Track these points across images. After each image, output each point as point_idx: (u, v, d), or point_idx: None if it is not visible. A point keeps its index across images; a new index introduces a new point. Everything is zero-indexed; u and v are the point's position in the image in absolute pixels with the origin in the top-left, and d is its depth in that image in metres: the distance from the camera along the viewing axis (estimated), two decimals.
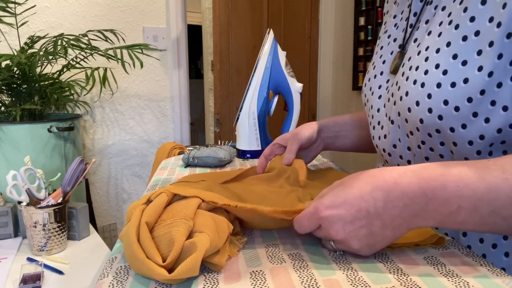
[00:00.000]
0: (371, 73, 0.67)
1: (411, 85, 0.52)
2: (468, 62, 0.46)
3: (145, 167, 1.92)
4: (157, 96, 1.90)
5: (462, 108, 0.46)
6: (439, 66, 0.48)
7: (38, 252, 1.08)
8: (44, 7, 1.61)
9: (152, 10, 1.83)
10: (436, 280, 0.37)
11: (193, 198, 0.45)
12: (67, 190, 1.12)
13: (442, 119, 0.48)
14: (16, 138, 1.25)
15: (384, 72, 0.63)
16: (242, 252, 0.44)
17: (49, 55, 1.26)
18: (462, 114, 0.46)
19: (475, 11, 0.46)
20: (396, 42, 0.62)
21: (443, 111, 0.48)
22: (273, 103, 0.99)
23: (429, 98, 0.49)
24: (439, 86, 0.48)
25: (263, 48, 0.96)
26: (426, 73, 0.50)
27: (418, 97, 0.50)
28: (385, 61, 0.64)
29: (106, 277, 0.40)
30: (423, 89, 0.49)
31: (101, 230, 1.84)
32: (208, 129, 2.77)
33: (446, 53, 0.48)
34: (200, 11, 2.88)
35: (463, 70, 0.46)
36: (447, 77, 0.47)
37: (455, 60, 0.47)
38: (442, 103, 0.48)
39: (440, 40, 0.50)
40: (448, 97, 0.47)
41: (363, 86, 0.71)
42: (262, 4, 2.41)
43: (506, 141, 0.47)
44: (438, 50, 0.49)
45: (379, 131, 0.63)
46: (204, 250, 0.37)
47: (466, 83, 0.45)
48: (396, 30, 0.64)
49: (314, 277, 0.38)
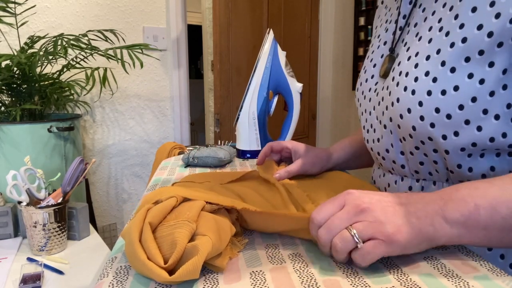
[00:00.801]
0: (363, 77, 0.67)
1: (402, 91, 0.52)
2: (457, 69, 0.46)
3: (145, 167, 1.92)
4: (157, 96, 1.90)
5: (454, 115, 0.46)
6: (429, 73, 0.48)
7: (38, 252, 1.08)
8: (44, 7, 1.61)
9: (152, 10, 1.83)
10: (436, 280, 0.37)
11: (196, 201, 0.45)
12: (67, 190, 1.12)
13: (434, 126, 0.48)
14: (16, 138, 1.25)
15: (375, 75, 0.63)
16: (242, 252, 0.44)
17: (49, 55, 1.26)
18: (454, 121, 0.47)
19: (464, 18, 0.46)
20: (386, 45, 0.62)
21: (435, 118, 0.48)
22: (273, 103, 0.99)
23: (420, 106, 0.49)
24: (429, 94, 0.48)
25: (263, 48, 0.96)
26: (416, 80, 0.49)
27: (410, 105, 0.50)
28: (376, 64, 0.64)
29: (106, 277, 0.40)
30: (414, 97, 0.49)
31: (101, 230, 1.84)
32: (208, 129, 2.77)
33: (435, 60, 0.48)
34: (200, 11, 2.88)
35: (452, 77, 0.46)
36: (437, 85, 0.47)
37: (444, 67, 0.47)
38: (433, 111, 0.48)
39: (430, 47, 0.49)
40: (439, 104, 0.47)
41: (356, 91, 0.71)
42: (262, 4, 2.41)
43: (500, 148, 0.47)
44: (428, 57, 0.49)
45: (372, 134, 0.63)
46: (206, 254, 0.37)
47: (457, 91, 0.46)
48: (386, 33, 0.64)
49: (314, 277, 0.38)
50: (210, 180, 0.70)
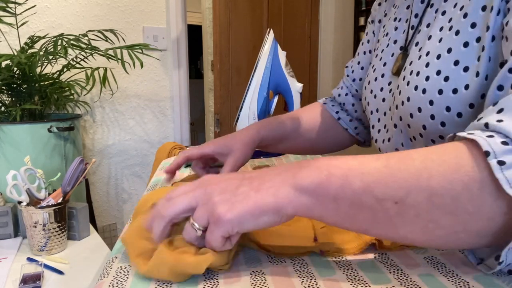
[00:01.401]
0: (371, 76, 0.67)
1: (412, 90, 0.52)
2: (470, 68, 0.46)
3: (145, 167, 1.92)
4: (157, 96, 1.90)
5: (465, 114, 0.46)
6: (440, 72, 0.48)
7: (38, 252, 1.08)
8: (44, 7, 1.61)
9: (152, 10, 1.83)
10: (436, 280, 0.37)
11: None
12: (67, 190, 1.12)
13: (445, 125, 0.48)
14: (16, 138, 1.25)
15: (386, 74, 0.63)
16: (242, 252, 0.44)
17: (49, 55, 1.26)
18: (465, 120, 0.46)
19: (475, 17, 0.46)
20: (397, 44, 0.62)
21: (445, 117, 0.48)
22: (273, 103, 0.99)
23: (431, 105, 0.49)
24: (440, 93, 0.48)
25: (263, 48, 0.96)
26: (427, 79, 0.50)
27: (420, 104, 0.50)
28: (386, 63, 0.63)
29: (106, 277, 0.40)
30: (425, 96, 0.49)
31: (101, 230, 1.84)
32: (208, 129, 2.77)
33: (447, 59, 0.48)
34: (200, 11, 2.88)
35: (465, 76, 0.46)
36: (448, 84, 0.47)
37: (457, 67, 0.47)
38: (444, 109, 0.48)
39: (440, 46, 0.49)
40: (450, 103, 0.47)
41: (362, 89, 0.70)
42: (262, 4, 2.41)
43: None
44: (439, 56, 0.49)
45: (384, 134, 0.63)
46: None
47: (467, 89, 0.46)
48: (395, 32, 0.64)
49: (314, 277, 0.38)
50: None
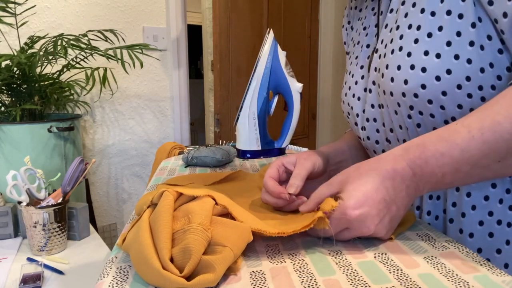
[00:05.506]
0: (351, 81, 0.66)
1: (397, 58, 0.53)
2: (460, 56, 0.47)
3: (145, 167, 1.92)
4: (157, 96, 1.90)
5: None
6: (428, 52, 0.49)
7: (38, 252, 1.08)
8: (44, 7, 1.61)
9: (152, 10, 1.83)
10: (436, 280, 0.37)
11: (206, 200, 0.43)
12: (67, 190, 1.12)
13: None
14: (16, 138, 1.25)
15: (365, 75, 0.63)
16: (242, 252, 0.44)
17: (49, 55, 1.26)
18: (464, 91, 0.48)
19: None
20: (370, 48, 0.63)
21: (436, 87, 0.49)
22: (273, 103, 0.99)
23: (423, 72, 0.50)
24: (424, 71, 0.50)
25: (263, 48, 0.96)
26: (426, 55, 0.50)
27: (407, 75, 0.51)
28: (363, 65, 0.64)
29: (106, 277, 0.40)
30: (414, 71, 0.51)
31: (101, 230, 1.84)
32: (208, 129, 2.77)
33: (439, 38, 0.49)
34: (200, 11, 2.87)
35: (451, 50, 0.48)
36: (440, 63, 0.48)
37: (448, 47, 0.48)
38: (434, 79, 0.49)
39: (431, 22, 0.51)
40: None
41: (343, 96, 0.69)
42: (262, 4, 2.41)
43: None
44: (419, 27, 0.51)
45: (379, 125, 0.62)
46: (227, 267, 0.37)
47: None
48: (366, 37, 0.65)
49: (314, 277, 0.38)
50: (194, 182, 0.69)
